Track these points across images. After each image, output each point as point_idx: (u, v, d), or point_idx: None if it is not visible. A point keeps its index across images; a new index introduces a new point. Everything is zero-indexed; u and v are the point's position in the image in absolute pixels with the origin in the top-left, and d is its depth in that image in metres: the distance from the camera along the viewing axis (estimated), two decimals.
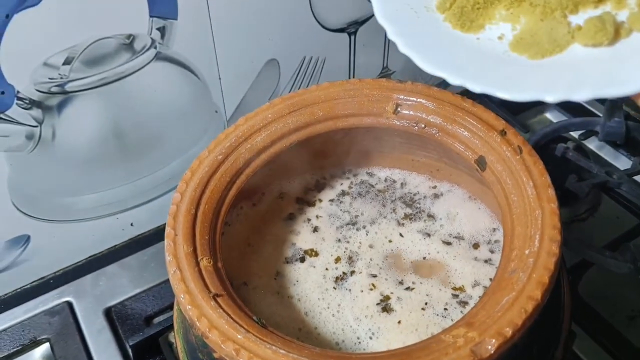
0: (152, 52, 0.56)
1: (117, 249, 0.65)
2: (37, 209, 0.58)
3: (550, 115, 0.78)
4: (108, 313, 0.59)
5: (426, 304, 0.43)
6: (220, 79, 0.61)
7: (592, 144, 0.73)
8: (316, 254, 0.46)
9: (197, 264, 0.38)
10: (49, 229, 0.60)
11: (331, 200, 0.50)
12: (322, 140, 0.47)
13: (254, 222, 0.49)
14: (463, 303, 0.42)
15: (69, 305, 0.60)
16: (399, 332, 0.41)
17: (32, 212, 0.58)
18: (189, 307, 0.35)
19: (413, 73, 0.65)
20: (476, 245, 0.46)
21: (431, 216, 0.49)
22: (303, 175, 0.52)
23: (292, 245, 0.47)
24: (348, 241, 0.47)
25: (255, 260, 0.46)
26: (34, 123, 0.53)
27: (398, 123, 0.45)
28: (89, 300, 0.60)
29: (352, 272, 0.45)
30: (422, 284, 0.44)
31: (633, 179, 0.65)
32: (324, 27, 0.65)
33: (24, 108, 0.52)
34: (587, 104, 0.76)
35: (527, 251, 0.36)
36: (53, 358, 0.56)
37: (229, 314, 0.35)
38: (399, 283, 0.44)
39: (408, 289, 0.44)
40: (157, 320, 0.58)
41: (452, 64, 0.35)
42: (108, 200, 0.62)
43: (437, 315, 0.42)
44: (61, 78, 0.52)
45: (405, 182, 0.51)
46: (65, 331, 0.57)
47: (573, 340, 0.42)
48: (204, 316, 0.35)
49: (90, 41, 0.52)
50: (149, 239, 0.66)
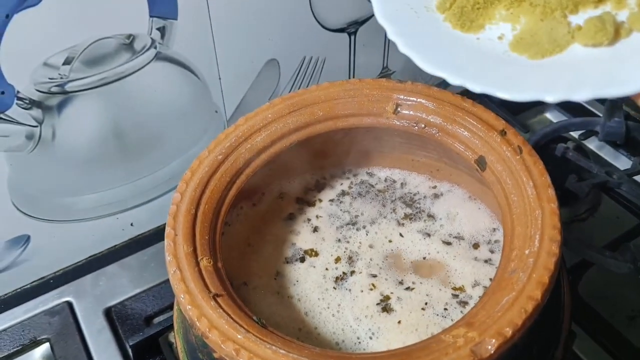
0: (152, 52, 0.56)
1: (117, 249, 0.65)
2: (37, 209, 0.58)
3: (550, 115, 0.78)
4: (108, 313, 0.59)
5: (426, 304, 0.43)
6: (220, 79, 0.61)
7: (592, 144, 0.73)
8: (316, 254, 0.46)
9: (197, 264, 0.38)
10: (49, 229, 0.60)
11: (331, 200, 0.50)
12: (322, 140, 0.47)
13: (254, 222, 0.49)
14: (463, 303, 0.42)
15: (69, 305, 0.60)
16: (399, 332, 0.41)
17: (32, 212, 0.58)
18: (189, 307, 0.35)
19: (413, 73, 0.65)
20: (476, 245, 0.46)
21: (431, 216, 0.49)
22: (303, 175, 0.52)
23: (292, 245, 0.47)
24: (348, 241, 0.47)
25: (255, 260, 0.46)
26: (34, 123, 0.53)
27: (398, 123, 0.45)
28: (89, 300, 0.60)
29: (352, 272, 0.45)
30: (422, 284, 0.44)
31: (633, 179, 0.65)
32: (324, 27, 0.65)
33: (24, 108, 0.52)
34: (587, 104, 0.76)
35: (527, 251, 0.36)
36: (53, 358, 0.56)
37: (229, 314, 0.35)
38: (399, 283, 0.44)
39: (408, 289, 0.44)
40: (157, 320, 0.58)
41: (452, 64, 0.35)
42: (108, 200, 0.62)
43: (437, 315, 0.42)
44: (61, 78, 0.52)
45: (405, 182, 0.51)
46: (65, 331, 0.57)
47: (573, 340, 0.42)
48: (204, 316, 0.35)
49: (90, 41, 0.52)
50: (149, 239, 0.66)
